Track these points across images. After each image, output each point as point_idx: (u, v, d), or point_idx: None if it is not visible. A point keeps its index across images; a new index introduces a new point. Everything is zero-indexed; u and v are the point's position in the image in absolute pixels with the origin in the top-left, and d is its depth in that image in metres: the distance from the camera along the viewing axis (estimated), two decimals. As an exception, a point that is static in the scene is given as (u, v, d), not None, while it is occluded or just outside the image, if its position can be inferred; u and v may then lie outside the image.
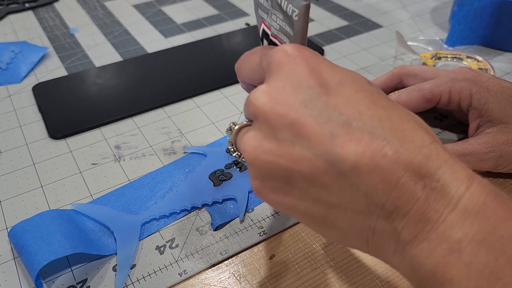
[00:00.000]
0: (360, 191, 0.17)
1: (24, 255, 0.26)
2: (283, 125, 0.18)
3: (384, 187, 0.16)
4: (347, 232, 0.18)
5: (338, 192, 0.17)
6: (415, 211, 0.16)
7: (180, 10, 0.60)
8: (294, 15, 0.21)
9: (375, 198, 0.16)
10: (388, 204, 0.16)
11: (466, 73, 0.33)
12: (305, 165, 0.17)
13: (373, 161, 0.16)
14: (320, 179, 0.17)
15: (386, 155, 0.16)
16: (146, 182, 0.33)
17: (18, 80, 0.45)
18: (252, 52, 0.22)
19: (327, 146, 0.17)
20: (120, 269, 0.27)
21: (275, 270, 0.27)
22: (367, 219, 0.17)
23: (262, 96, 0.18)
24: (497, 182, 0.32)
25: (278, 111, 0.18)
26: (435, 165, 0.16)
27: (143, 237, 0.29)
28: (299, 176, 0.18)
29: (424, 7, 0.59)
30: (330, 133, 0.17)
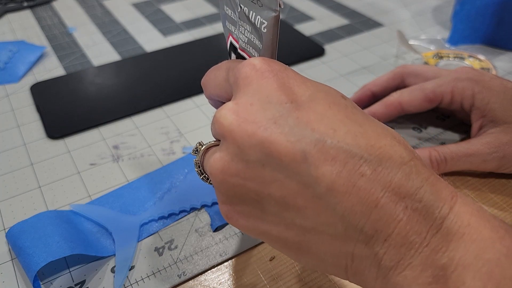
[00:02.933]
0: (336, 214, 0.16)
1: (22, 256, 0.26)
2: (252, 145, 0.16)
3: (362, 208, 0.15)
4: (324, 259, 0.17)
5: (313, 216, 0.16)
6: (397, 234, 0.15)
7: (179, 9, 0.60)
8: (263, 27, 0.20)
9: (353, 221, 0.15)
10: (367, 227, 0.15)
11: (468, 73, 0.33)
12: (277, 188, 0.16)
13: (350, 181, 0.15)
14: (293, 202, 0.16)
15: (364, 175, 0.15)
16: (145, 182, 0.32)
17: (16, 80, 0.45)
18: (218, 67, 0.21)
19: (300, 166, 0.16)
20: (119, 270, 0.26)
21: (275, 272, 0.27)
22: (345, 244, 0.16)
23: (228, 114, 0.17)
24: (500, 182, 0.32)
25: (246, 130, 0.17)
26: (416, 184, 0.15)
27: (141, 238, 0.29)
28: (270, 200, 0.17)
29: (425, 6, 0.59)
30: (302, 152, 0.16)
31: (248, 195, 0.17)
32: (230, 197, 0.18)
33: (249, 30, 0.21)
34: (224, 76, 0.20)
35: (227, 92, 0.20)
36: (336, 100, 0.17)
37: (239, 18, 0.21)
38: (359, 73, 0.45)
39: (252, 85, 0.18)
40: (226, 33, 0.24)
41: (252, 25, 0.20)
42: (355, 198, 0.15)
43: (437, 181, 0.16)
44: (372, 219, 0.15)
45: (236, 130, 0.17)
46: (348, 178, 0.15)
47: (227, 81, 0.20)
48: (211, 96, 0.22)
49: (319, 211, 0.16)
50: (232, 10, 0.22)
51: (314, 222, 0.16)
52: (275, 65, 0.18)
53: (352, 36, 0.52)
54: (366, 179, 0.15)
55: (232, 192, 0.18)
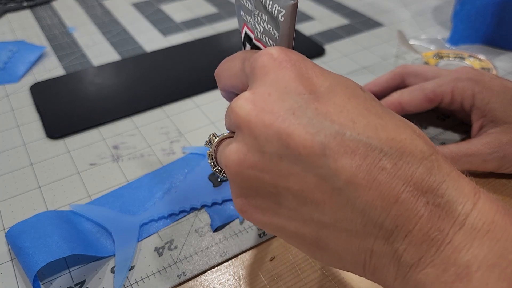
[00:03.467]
0: (356, 208, 0.15)
1: (22, 256, 0.26)
2: (269, 136, 0.16)
3: (382, 203, 0.15)
4: (342, 255, 0.17)
5: (332, 211, 0.16)
6: (418, 230, 0.15)
7: (179, 9, 0.60)
8: (280, 16, 0.19)
9: (372, 216, 0.15)
10: (387, 222, 0.15)
11: (469, 73, 0.33)
12: (295, 181, 0.16)
13: (370, 175, 0.15)
14: (312, 197, 0.16)
15: (384, 169, 0.15)
16: (145, 182, 0.32)
17: (16, 80, 0.45)
18: (233, 57, 0.21)
19: (318, 159, 0.15)
20: (119, 270, 0.26)
21: (275, 272, 0.26)
22: (364, 240, 0.16)
23: (245, 104, 0.17)
24: (500, 182, 0.32)
25: (263, 121, 0.16)
26: (438, 178, 0.15)
27: (141, 238, 0.29)
28: (288, 194, 0.16)
29: (425, 6, 0.59)
30: (321, 144, 0.15)
31: (264, 188, 0.17)
32: (245, 190, 0.18)
33: (265, 19, 0.20)
34: (239, 66, 0.20)
35: (242, 82, 0.20)
36: (355, 92, 0.17)
37: (255, 7, 0.21)
38: (359, 73, 0.45)
39: (270, 74, 0.17)
40: (241, 24, 0.23)
41: (269, 14, 0.20)
42: (375, 192, 0.15)
43: (460, 176, 0.16)
44: (392, 214, 0.15)
45: (254, 120, 0.16)
46: (369, 172, 0.15)
47: (242, 71, 0.19)
48: (225, 87, 0.22)
49: (338, 206, 0.15)
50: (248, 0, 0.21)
51: (332, 217, 0.16)
52: (293, 54, 0.18)
53: (352, 36, 0.52)
54: (386, 173, 0.15)
55: (248, 184, 0.17)
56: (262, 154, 0.16)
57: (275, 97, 0.16)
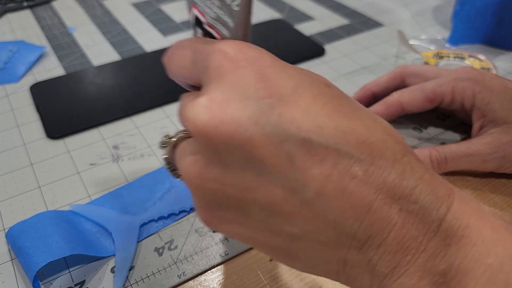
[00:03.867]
0: (327, 220, 0.14)
1: (22, 256, 0.26)
2: (231, 148, 0.15)
3: (355, 213, 0.14)
4: (314, 264, 0.16)
5: (302, 223, 0.15)
6: (392, 239, 0.14)
7: (179, 9, 0.60)
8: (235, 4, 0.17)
9: (345, 226, 0.14)
10: (360, 232, 0.14)
11: (469, 73, 0.33)
12: (261, 194, 0.15)
13: (341, 184, 0.14)
14: (280, 209, 0.15)
15: (356, 176, 0.14)
16: (145, 183, 0.32)
17: (16, 80, 0.45)
18: (183, 46, 0.18)
19: (285, 171, 0.14)
20: (119, 270, 0.26)
21: (275, 272, 0.26)
22: (337, 250, 0.15)
23: (202, 114, 0.15)
24: (500, 182, 0.32)
25: (223, 132, 0.15)
26: (411, 183, 0.14)
27: (141, 238, 0.29)
28: (255, 206, 0.15)
29: (425, 6, 0.59)
30: (287, 154, 0.14)
31: (229, 201, 0.16)
32: (208, 202, 0.17)
33: (218, 5, 0.18)
34: (190, 59, 0.18)
35: (193, 75, 0.18)
36: (321, 90, 0.16)
37: None
38: (359, 73, 0.45)
39: (227, 76, 0.15)
40: (189, 5, 0.21)
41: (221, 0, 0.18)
42: (347, 202, 0.14)
43: (433, 178, 0.15)
44: (365, 224, 0.14)
45: (212, 132, 0.15)
46: (339, 182, 0.14)
47: (194, 65, 0.17)
48: (175, 78, 0.20)
49: (308, 218, 0.15)
50: None
51: (303, 229, 0.15)
52: (251, 51, 0.16)
53: (352, 36, 0.52)
54: (357, 181, 0.14)
55: (210, 197, 0.16)
56: (223, 167, 0.15)
57: (235, 104, 0.15)
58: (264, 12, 0.58)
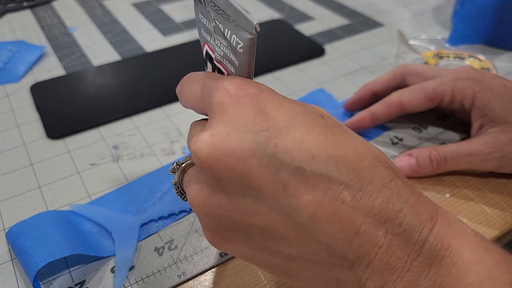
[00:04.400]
0: (320, 242, 0.16)
1: (22, 256, 0.26)
2: (232, 178, 0.16)
3: (344, 236, 0.15)
4: (311, 283, 0.17)
5: (297, 244, 0.16)
6: (379, 260, 0.15)
7: (179, 9, 0.60)
8: (239, 47, 0.19)
9: (336, 248, 0.16)
10: (350, 254, 0.15)
11: (469, 72, 0.33)
12: (260, 218, 0.16)
13: (331, 210, 0.15)
14: (278, 232, 0.16)
15: (345, 201, 0.15)
16: (145, 183, 0.32)
17: (16, 80, 0.45)
18: (193, 79, 0.21)
19: (281, 197, 0.16)
20: (119, 270, 0.26)
21: (276, 272, 0.27)
22: (330, 270, 0.16)
23: (206, 148, 0.16)
24: (500, 182, 0.32)
25: (224, 164, 0.16)
26: (396, 207, 0.15)
27: (141, 238, 0.29)
28: (255, 229, 0.17)
29: (425, 6, 0.59)
30: (282, 182, 0.16)
31: (232, 225, 0.17)
32: (214, 226, 0.18)
33: (225, 45, 0.20)
34: (199, 93, 0.20)
35: (202, 109, 0.20)
36: (315, 122, 0.17)
37: (214, 31, 0.20)
38: (359, 73, 0.45)
39: (228, 112, 0.17)
40: (202, 41, 0.23)
41: (228, 41, 0.19)
42: (337, 226, 0.15)
43: (418, 201, 0.16)
44: (354, 246, 0.15)
45: (215, 164, 0.16)
46: (329, 207, 0.15)
47: (202, 100, 0.19)
48: (186, 107, 0.22)
49: (303, 240, 0.16)
50: (208, 20, 0.21)
51: (298, 251, 0.16)
52: (251, 88, 0.17)
53: (352, 36, 0.52)
54: (347, 206, 0.15)
55: (216, 221, 0.18)
56: (226, 195, 0.17)
57: (235, 138, 0.16)
58: (264, 12, 0.58)
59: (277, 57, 0.47)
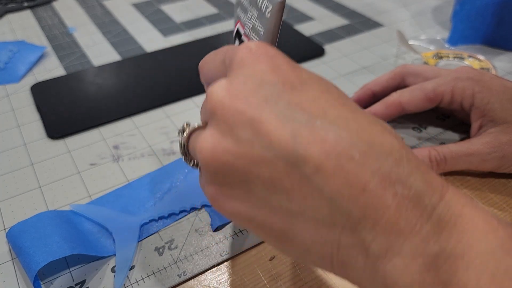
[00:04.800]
0: (323, 196, 0.15)
1: (22, 256, 0.26)
2: (242, 122, 0.16)
3: (350, 191, 0.15)
4: (309, 248, 0.17)
5: (300, 198, 0.16)
6: (386, 221, 0.14)
7: (179, 9, 0.60)
8: (267, 12, 0.20)
9: (340, 204, 0.15)
10: (354, 211, 0.15)
11: (469, 73, 0.33)
12: (265, 168, 0.16)
13: (338, 163, 0.15)
14: (281, 184, 0.16)
15: (353, 158, 0.15)
16: (145, 182, 0.32)
17: (16, 80, 0.45)
18: (217, 51, 0.21)
19: (289, 146, 0.15)
20: (119, 270, 0.26)
21: (275, 272, 0.27)
22: (331, 230, 0.16)
23: (220, 91, 0.17)
24: (499, 182, 0.32)
25: (237, 107, 0.16)
26: (406, 171, 0.15)
27: (142, 238, 0.29)
28: (258, 181, 0.16)
29: (425, 6, 0.59)
30: (292, 132, 0.15)
31: (236, 175, 0.17)
32: (218, 178, 0.18)
33: (256, 15, 0.21)
34: (221, 59, 0.20)
35: (223, 74, 0.20)
36: (329, 88, 0.17)
37: (249, 4, 0.22)
38: (359, 73, 0.45)
39: (247, 66, 0.18)
40: (236, 20, 0.24)
41: (259, 10, 0.21)
42: (343, 180, 0.15)
43: (428, 170, 0.16)
44: (360, 203, 0.15)
45: (227, 106, 0.17)
46: (337, 160, 0.15)
47: (223, 64, 0.20)
48: (207, 79, 0.22)
49: (306, 193, 0.16)
50: None
51: (300, 205, 0.16)
52: (271, 50, 0.18)
53: (352, 36, 0.52)
54: (355, 162, 0.15)
55: (221, 171, 0.17)
56: (235, 140, 0.17)
57: (250, 86, 0.17)
58: (264, 12, 0.58)
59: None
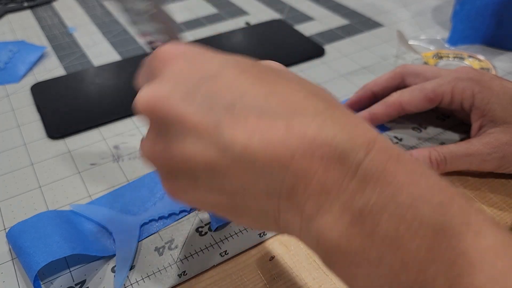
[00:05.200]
0: (256, 172, 0.16)
1: (23, 256, 0.26)
2: (169, 122, 0.17)
3: (279, 163, 0.16)
4: (257, 217, 0.18)
5: (237, 178, 0.17)
6: (315, 183, 0.16)
7: (179, 9, 0.60)
8: (150, 10, 0.21)
9: (272, 176, 0.16)
10: (287, 180, 0.16)
11: (469, 73, 0.33)
12: (200, 158, 0.17)
13: (264, 137, 0.16)
14: (218, 169, 0.17)
15: (277, 130, 0.16)
16: (145, 182, 0.32)
17: (16, 80, 0.45)
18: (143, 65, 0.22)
19: (215, 134, 0.16)
20: (119, 270, 0.26)
21: (275, 272, 0.27)
22: (270, 199, 0.17)
23: (144, 96, 0.18)
24: (499, 182, 0.32)
25: (161, 109, 0.18)
26: (331, 132, 0.16)
27: (142, 238, 0.29)
28: (199, 170, 0.18)
29: (425, 6, 0.59)
30: (214, 120, 0.16)
31: (179, 170, 0.18)
32: (165, 175, 0.19)
33: (147, 19, 0.22)
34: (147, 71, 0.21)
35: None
36: (246, 67, 0.18)
37: (133, 14, 0.23)
38: (359, 73, 0.45)
39: (165, 68, 0.19)
40: (140, 35, 0.25)
41: (142, 12, 0.22)
42: (271, 153, 0.16)
43: (355, 128, 0.16)
44: (290, 172, 0.16)
45: (153, 109, 0.18)
46: (262, 136, 0.16)
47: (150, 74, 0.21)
48: None
49: (241, 172, 0.17)
50: (127, 13, 0.23)
51: (239, 183, 0.17)
52: (181, 46, 0.19)
53: (352, 36, 0.52)
54: (280, 133, 0.16)
55: (166, 168, 0.19)
56: (167, 140, 0.18)
57: (169, 86, 0.18)
58: (264, 12, 0.58)
59: (277, 57, 0.47)
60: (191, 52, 0.19)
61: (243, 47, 0.51)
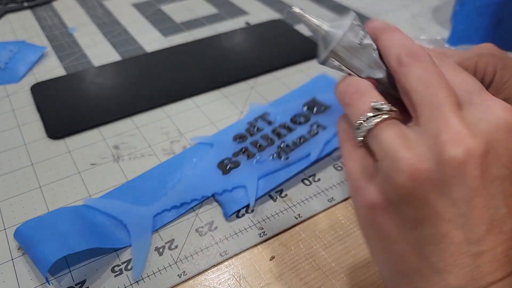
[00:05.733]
0: None
1: (37, 247, 0.26)
2: (418, 203, 0.16)
3: None
4: None
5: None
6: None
7: (179, 9, 0.60)
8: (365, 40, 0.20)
9: None
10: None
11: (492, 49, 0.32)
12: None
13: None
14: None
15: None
16: (155, 174, 0.33)
17: (17, 80, 0.45)
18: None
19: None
20: (136, 261, 0.27)
21: (275, 272, 0.27)
22: None
23: (458, 154, 0.15)
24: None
25: (422, 187, 0.16)
26: None
27: (156, 228, 0.29)
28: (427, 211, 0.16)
29: (425, 6, 0.59)
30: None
31: (414, 201, 0.17)
32: (397, 196, 0.17)
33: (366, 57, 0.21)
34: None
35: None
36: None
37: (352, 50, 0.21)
38: (359, 73, 0.45)
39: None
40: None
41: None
42: None
43: None
44: None
45: (413, 184, 0.16)
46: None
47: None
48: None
49: None
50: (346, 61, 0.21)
51: None
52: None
53: (352, 36, 0.52)
54: None
55: (407, 193, 0.16)
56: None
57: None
58: (264, 13, 0.58)
59: (277, 57, 0.47)
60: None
61: (243, 47, 0.51)
